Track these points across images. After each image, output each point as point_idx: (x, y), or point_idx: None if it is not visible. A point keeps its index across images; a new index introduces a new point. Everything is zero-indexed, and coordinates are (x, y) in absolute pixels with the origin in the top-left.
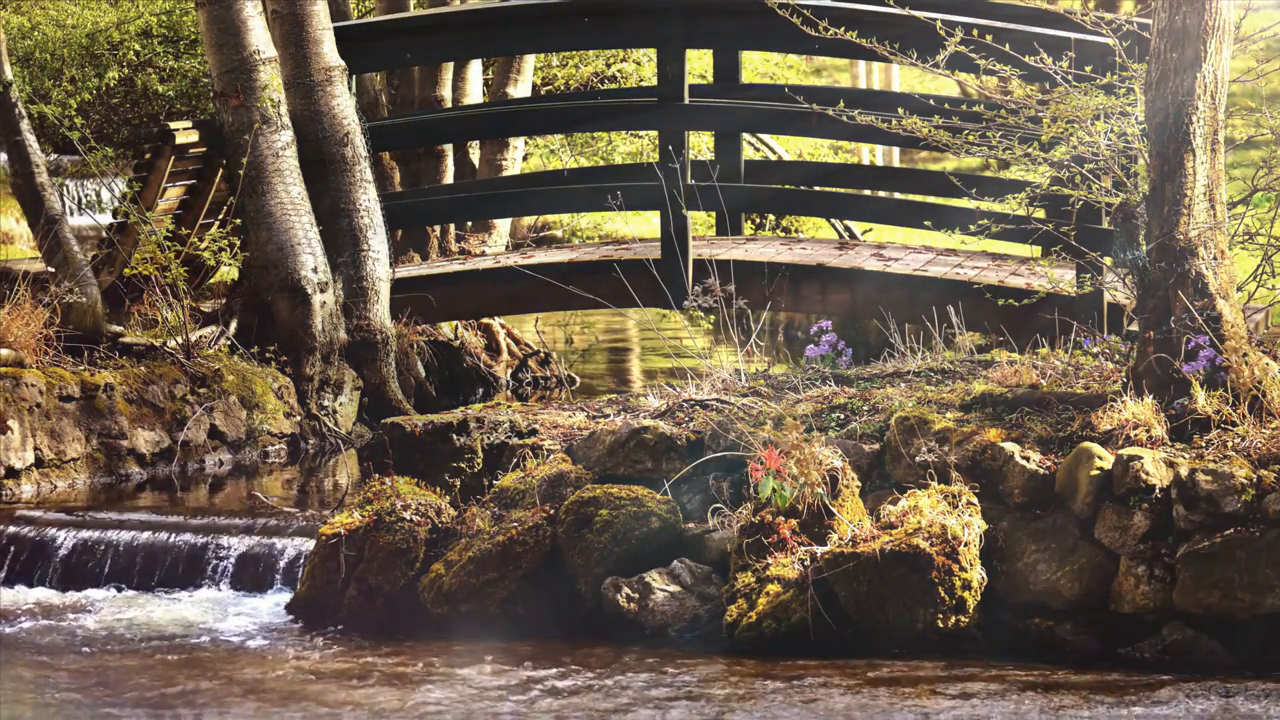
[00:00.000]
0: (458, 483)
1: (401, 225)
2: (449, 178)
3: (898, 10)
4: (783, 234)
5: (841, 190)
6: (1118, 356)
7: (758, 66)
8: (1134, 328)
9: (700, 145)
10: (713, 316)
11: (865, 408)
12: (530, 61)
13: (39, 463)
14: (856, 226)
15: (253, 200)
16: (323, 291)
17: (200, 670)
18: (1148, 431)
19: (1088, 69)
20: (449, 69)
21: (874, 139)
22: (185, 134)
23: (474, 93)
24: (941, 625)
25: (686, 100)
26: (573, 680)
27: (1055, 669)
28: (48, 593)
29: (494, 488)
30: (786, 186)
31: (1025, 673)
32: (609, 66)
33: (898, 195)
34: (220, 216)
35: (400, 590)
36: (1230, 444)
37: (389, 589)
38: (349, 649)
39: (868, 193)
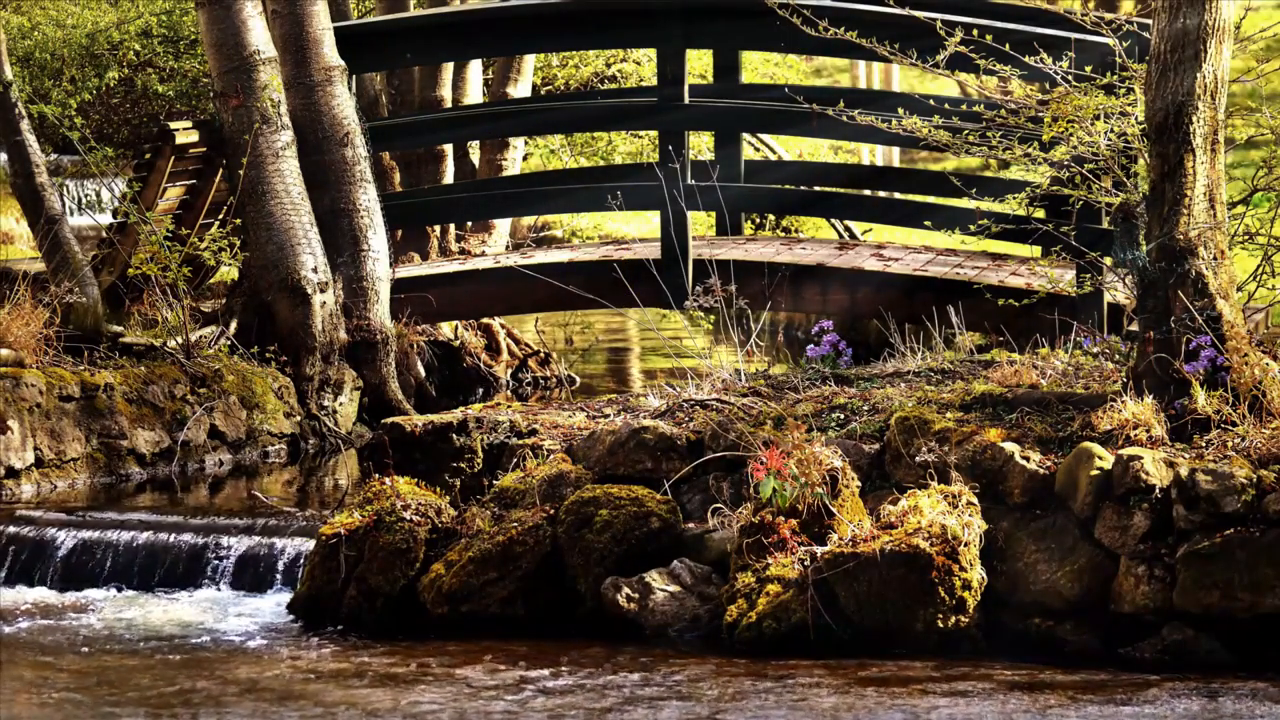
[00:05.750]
0: (458, 483)
1: (401, 225)
2: (449, 178)
3: (898, 10)
4: (783, 234)
5: (841, 190)
6: (1118, 356)
7: (758, 66)
8: (1134, 328)
9: (700, 145)
10: (713, 316)
11: (865, 408)
12: (530, 61)
13: (39, 463)
14: (856, 226)
15: (253, 200)
16: (323, 291)
17: (200, 670)
18: (1148, 431)
19: (1088, 69)
20: (449, 69)
21: (874, 139)
22: (185, 134)
23: (474, 93)
24: (941, 625)
25: (686, 100)
26: (572, 680)
27: (1055, 669)
28: (48, 593)
29: (494, 488)
30: (786, 186)
31: (1025, 673)
32: (609, 66)
33: (898, 195)
34: (220, 216)
35: (400, 590)
36: (1230, 444)
37: (389, 589)
38: (349, 649)
39: (868, 193)
